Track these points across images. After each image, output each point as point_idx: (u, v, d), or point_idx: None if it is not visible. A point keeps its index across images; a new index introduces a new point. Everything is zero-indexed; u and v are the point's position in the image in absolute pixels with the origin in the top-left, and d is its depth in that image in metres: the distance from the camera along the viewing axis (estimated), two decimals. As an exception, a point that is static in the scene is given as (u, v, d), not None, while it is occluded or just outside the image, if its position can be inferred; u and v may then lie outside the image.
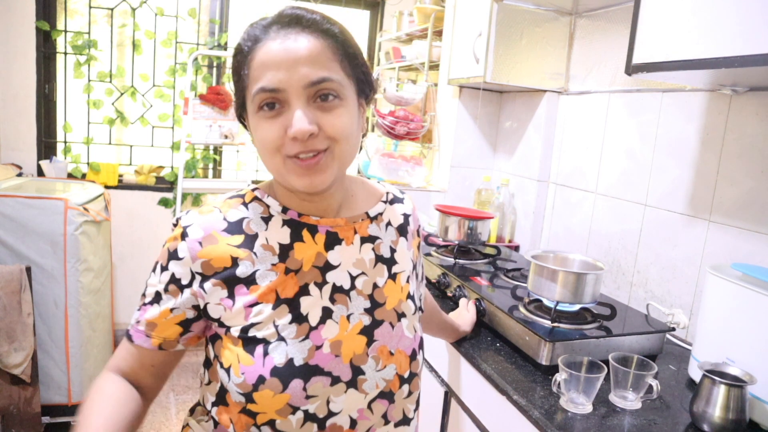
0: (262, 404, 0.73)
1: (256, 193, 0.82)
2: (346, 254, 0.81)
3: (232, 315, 0.75)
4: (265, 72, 0.70)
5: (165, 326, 0.78)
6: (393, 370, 0.80)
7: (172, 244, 0.76)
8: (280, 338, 0.74)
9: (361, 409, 0.78)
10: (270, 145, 0.72)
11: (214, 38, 3.19)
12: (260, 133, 0.73)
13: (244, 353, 0.74)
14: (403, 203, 0.94)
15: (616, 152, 1.71)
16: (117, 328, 3.24)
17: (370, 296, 0.81)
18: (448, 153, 2.31)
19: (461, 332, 1.30)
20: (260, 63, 0.71)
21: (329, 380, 0.75)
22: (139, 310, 0.79)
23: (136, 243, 3.22)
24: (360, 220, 0.84)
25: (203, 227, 0.76)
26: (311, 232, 0.80)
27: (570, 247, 1.89)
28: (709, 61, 1.00)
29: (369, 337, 0.79)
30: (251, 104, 0.73)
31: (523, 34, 1.92)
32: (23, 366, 2.04)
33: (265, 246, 0.77)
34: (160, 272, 0.77)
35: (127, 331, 0.81)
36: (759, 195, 1.27)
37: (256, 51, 0.72)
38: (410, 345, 0.84)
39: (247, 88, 0.73)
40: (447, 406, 1.40)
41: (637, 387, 1.04)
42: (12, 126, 2.98)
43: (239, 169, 3.40)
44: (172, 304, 0.77)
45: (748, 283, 1.03)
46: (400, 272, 0.87)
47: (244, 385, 0.73)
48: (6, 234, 2.15)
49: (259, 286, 0.75)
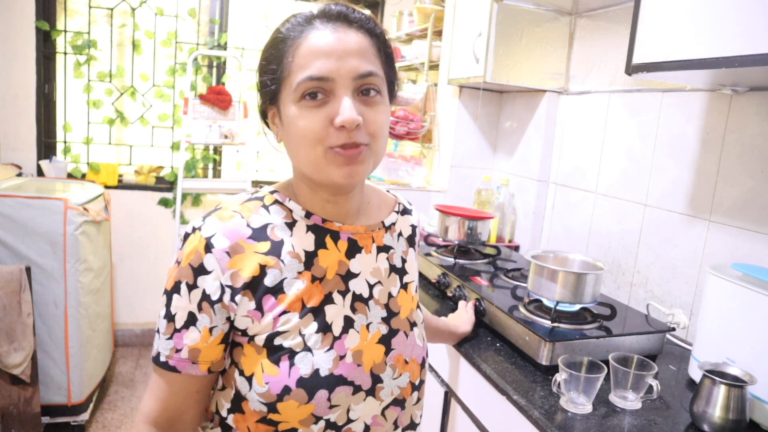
0: (286, 414, 0.72)
1: (276, 196, 0.79)
2: (365, 262, 0.81)
3: (260, 327, 0.72)
4: (314, 60, 0.69)
5: (209, 349, 0.73)
6: (407, 378, 0.82)
7: (194, 258, 0.71)
8: (306, 348, 0.73)
9: (375, 416, 0.79)
10: (313, 135, 0.70)
11: (213, 38, 3.19)
12: (302, 123, 0.71)
13: (268, 363, 0.72)
14: (411, 214, 0.95)
15: (616, 152, 1.71)
16: (117, 328, 3.25)
17: (386, 305, 0.82)
18: (448, 153, 2.31)
19: (459, 334, 1.30)
20: (309, 51, 0.70)
21: (351, 389, 0.75)
22: (170, 338, 0.73)
23: (136, 243, 3.22)
24: (377, 229, 0.84)
25: (228, 236, 0.72)
26: (334, 239, 0.79)
27: (570, 247, 1.89)
28: (709, 61, 1.00)
29: (387, 346, 0.80)
30: (292, 93, 0.71)
31: (523, 34, 1.92)
32: (23, 366, 2.04)
33: (291, 253, 0.75)
34: (187, 291, 0.72)
35: (161, 363, 0.73)
36: (759, 195, 1.27)
37: (303, 40, 0.71)
38: (421, 353, 0.85)
39: (289, 77, 0.71)
40: (447, 406, 1.40)
41: (637, 387, 1.04)
42: (12, 126, 2.98)
43: (239, 169, 3.40)
44: (209, 323, 0.72)
45: (748, 283, 1.03)
46: (411, 282, 0.88)
47: (268, 395, 0.71)
48: (6, 234, 2.15)
49: (286, 295, 0.73)
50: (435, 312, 1.49)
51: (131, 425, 2.48)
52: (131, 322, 3.29)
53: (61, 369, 2.25)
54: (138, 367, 3.04)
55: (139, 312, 3.29)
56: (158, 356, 0.74)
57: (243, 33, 3.30)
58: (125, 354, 3.18)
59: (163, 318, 0.74)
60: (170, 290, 0.73)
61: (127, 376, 2.93)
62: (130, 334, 3.29)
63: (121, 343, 3.27)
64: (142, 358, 3.15)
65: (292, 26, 0.73)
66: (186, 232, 0.75)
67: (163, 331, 0.74)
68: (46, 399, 2.25)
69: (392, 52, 0.78)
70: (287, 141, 0.76)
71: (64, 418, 2.30)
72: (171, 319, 0.73)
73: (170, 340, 0.73)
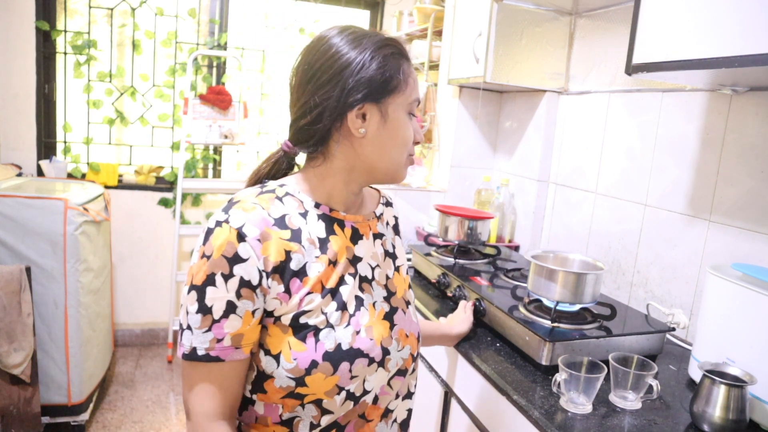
0: (313, 387, 0.78)
1: (287, 189, 0.85)
2: (366, 247, 0.90)
3: (287, 308, 0.78)
4: (415, 87, 0.87)
5: (251, 331, 0.77)
6: (408, 350, 0.91)
7: (228, 248, 0.74)
8: (329, 325, 0.80)
9: (383, 386, 0.87)
10: (407, 142, 0.87)
11: (213, 38, 3.19)
12: (406, 132, 0.86)
13: (295, 340, 0.78)
14: (392, 207, 1.05)
15: (616, 152, 1.71)
16: (117, 328, 3.25)
17: (385, 286, 0.92)
18: (448, 153, 2.31)
19: (455, 335, 1.29)
20: (414, 79, 0.87)
21: (367, 361, 0.82)
22: (207, 330, 0.75)
23: (136, 243, 3.22)
24: (371, 218, 0.95)
25: (256, 225, 0.77)
26: (340, 226, 0.87)
27: (570, 247, 1.89)
28: (709, 61, 1.00)
29: (391, 322, 0.89)
30: (406, 104, 0.85)
31: (523, 34, 1.92)
32: (23, 366, 2.04)
33: (309, 239, 0.82)
34: (224, 282, 0.74)
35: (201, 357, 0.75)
36: (759, 195, 1.27)
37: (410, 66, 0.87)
38: (416, 328, 0.96)
39: (406, 89, 0.85)
40: (447, 406, 1.40)
41: (637, 387, 1.04)
42: (12, 126, 2.98)
43: (239, 169, 3.40)
44: (251, 306, 0.76)
45: (748, 283, 1.03)
46: (401, 265, 0.99)
47: (297, 370, 0.78)
48: (6, 234, 2.15)
49: (309, 278, 0.80)
50: (435, 312, 1.49)
51: (131, 425, 2.48)
52: (131, 322, 3.29)
53: (61, 369, 2.25)
54: (138, 367, 3.04)
55: (139, 312, 3.29)
56: (194, 351, 0.75)
57: (243, 33, 3.30)
58: (125, 354, 3.18)
59: (195, 313, 0.75)
60: (202, 284, 0.75)
61: (127, 376, 2.93)
62: (130, 334, 3.29)
63: (121, 343, 3.27)
64: (142, 358, 3.15)
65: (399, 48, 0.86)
66: (209, 227, 0.77)
67: (198, 326, 0.75)
68: (46, 399, 2.25)
69: None
70: (380, 138, 0.84)
71: (64, 418, 2.30)
72: (207, 311, 0.75)
73: (208, 332, 0.75)
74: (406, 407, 0.95)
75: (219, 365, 0.77)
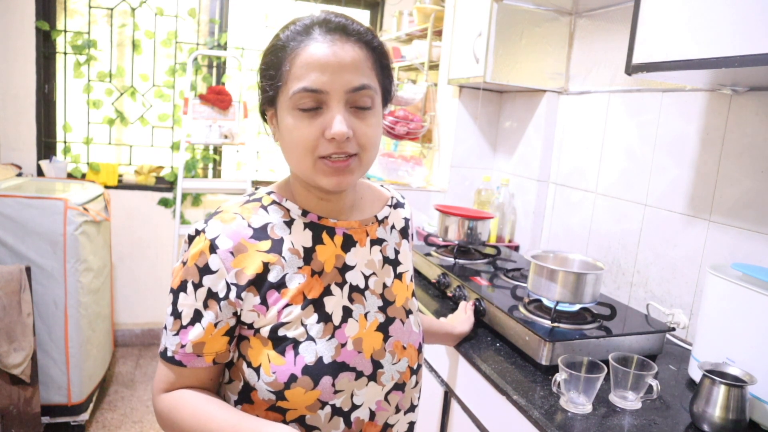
0: (294, 401, 0.76)
1: (274, 197, 0.83)
2: (359, 255, 0.86)
3: (266, 320, 0.76)
4: (309, 72, 0.72)
5: (213, 341, 0.77)
6: (406, 363, 0.87)
7: (200, 258, 0.75)
8: (309, 338, 0.77)
9: (379, 401, 0.83)
10: (305, 144, 0.74)
11: (213, 38, 3.19)
12: (296, 132, 0.74)
13: (274, 353, 0.76)
14: (404, 207, 0.99)
15: (615, 152, 1.71)
16: (117, 328, 3.25)
17: (381, 295, 0.87)
18: (448, 153, 2.31)
19: (457, 334, 1.29)
20: (305, 63, 0.73)
21: (354, 375, 0.79)
22: (176, 334, 0.77)
23: (135, 243, 3.22)
24: (370, 223, 0.89)
25: (231, 237, 0.75)
26: (330, 235, 0.83)
27: (570, 247, 1.89)
28: (708, 61, 1.00)
29: (385, 333, 0.85)
30: (288, 101, 0.74)
31: (523, 34, 1.92)
32: (23, 366, 2.04)
33: (291, 250, 0.79)
34: (193, 290, 0.75)
35: (169, 358, 0.77)
36: (759, 195, 1.27)
37: (300, 50, 0.73)
38: (417, 339, 0.90)
39: (285, 84, 0.74)
40: (447, 406, 1.40)
41: (637, 387, 1.04)
42: (12, 126, 2.98)
43: (239, 169, 3.40)
44: (214, 318, 0.75)
45: (748, 283, 1.03)
46: (405, 272, 0.93)
47: (276, 384, 0.76)
48: (6, 234, 2.15)
49: (288, 289, 0.77)
50: (435, 312, 1.49)
51: (131, 425, 2.48)
52: (131, 322, 3.29)
53: (61, 369, 2.25)
54: (138, 367, 3.04)
55: (139, 312, 3.29)
56: (165, 351, 0.78)
57: (243, 33, 3.30)
58: (125, 354, 3.18)
59: (170, 315, 0.78)
60: (177, 289, 0.77)
61: (127, 376, 2.93)
62: (130, 334, 3.29)
63: (121, 343, 3.27)
64: (142, 358, 3.15)
65: (292, 34, 0.75)
66: (189, 234, 0.78)
67: (170, 328, 0.78)
68: (46, 399, 2.25)
69: (390, 62, 0.82)
70: (282, 144, 0.79)
71: (64, 418, 2.30)
72: (177, 316, 0.77)
73: (176, 336, 0.77)
74: (408, 420, 0.91)
75: (180, 369, 0.78)
